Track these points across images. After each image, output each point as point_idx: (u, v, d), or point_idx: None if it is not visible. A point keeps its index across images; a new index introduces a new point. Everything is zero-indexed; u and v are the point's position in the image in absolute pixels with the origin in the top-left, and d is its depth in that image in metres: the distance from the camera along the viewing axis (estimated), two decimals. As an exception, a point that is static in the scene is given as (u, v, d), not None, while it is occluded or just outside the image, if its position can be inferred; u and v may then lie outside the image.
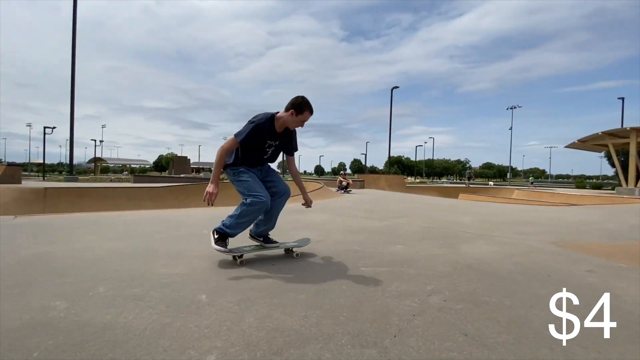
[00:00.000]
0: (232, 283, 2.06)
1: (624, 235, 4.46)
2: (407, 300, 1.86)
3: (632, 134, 17.49)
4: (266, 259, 2.66)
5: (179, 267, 2.36)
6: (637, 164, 17.82)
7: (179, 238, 3.44)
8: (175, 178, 25.85)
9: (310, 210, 6.05)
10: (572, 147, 21.25)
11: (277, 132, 2.53)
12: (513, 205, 9.72)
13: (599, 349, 1.41)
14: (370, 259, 2.74)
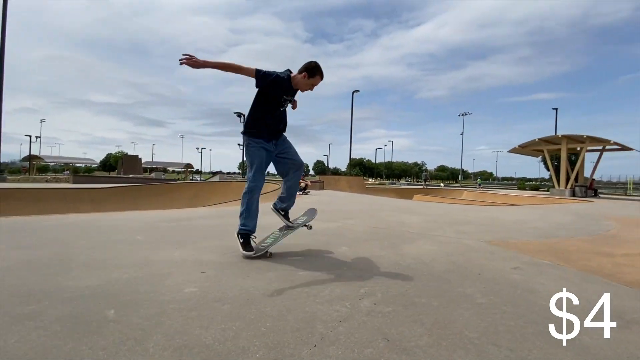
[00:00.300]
0: (150, 295, 1.87)
1: (551, 233, 4.86)
2: (337, 305, 1.81)
3: (563, 141, 19.44)
4: (197, 265, 2.48)
5: (93, 279, 2.10)
6: (567, 168, 19.83)
7: (105, 245, 3.12)
8: (123, 178, 24.07)
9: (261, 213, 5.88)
10: (513, 152, 23.11)
11: (291, 88, 2.66)
12: (460, 206, 10.28)
13: (510, 347, 1.45)
14: (310, 263, 2.67)
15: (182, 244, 3.20)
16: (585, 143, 18.94)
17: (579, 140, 19.05)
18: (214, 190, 12.81)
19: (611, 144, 18.62)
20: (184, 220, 4.82)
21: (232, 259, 2.68)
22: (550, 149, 20.80)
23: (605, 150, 19.85)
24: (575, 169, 19.44)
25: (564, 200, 14.49)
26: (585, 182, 19.82)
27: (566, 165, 19.66)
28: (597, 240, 4.30)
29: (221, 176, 28.81)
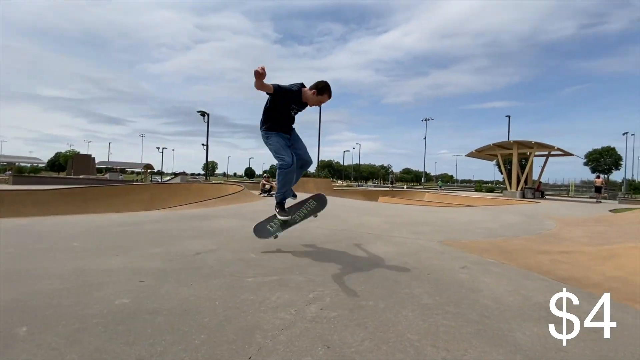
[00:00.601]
0: (73, 309, 1.69)
1: (499, 232, 5.14)
2: (282, 312, 1.74)
3: (514, 146, 20.89)
4: (136, 274, 2.30)
5: (10, 292, 1.87)
6: (518, 171, 21.33)
7: (35, 252, 2.82)
8: (72, 180, 22.28)
9: (219, 216, 5.70)
10: (471, 156, 24.47)
11: (301, 101, 2.93)
12: (420, 207, 10.64)
13: (447, 347, 1.47)
14: (262, 268, 2.58)
15: (124, 250, 2.97)
16: (534, 148, 20.49)
17: (528, 145, 20.56)
18: (173, 192, 12.21)
19: (555, 150, 20.30)
20: (133, 224, 4.51)
21: (177, 266, 2.52)
22: (503, 154, 22.26)
23: (551, 155, 21.60)
24: (525, 172, 20.94)
25: (515, 202, 15.53)
26: (533, 185, 21.42)
27: (517, 168, 21.13)
28: (538, 239, 4.61)
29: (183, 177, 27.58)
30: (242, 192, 9.64)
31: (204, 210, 6.56)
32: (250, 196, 9.90)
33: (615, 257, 3.34)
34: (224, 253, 3.00)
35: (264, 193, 12.05)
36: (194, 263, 2.62)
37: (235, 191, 9.58)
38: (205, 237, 3.75)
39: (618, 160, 42.55)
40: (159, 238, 3.59)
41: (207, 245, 3.29)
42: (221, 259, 2.76)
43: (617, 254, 3.44)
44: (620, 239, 4.55)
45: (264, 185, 12.37)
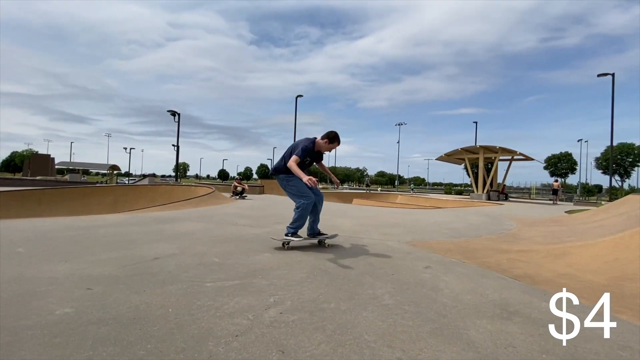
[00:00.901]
0: (7, 321, 1.53)
1: (463, 233, 5.32)
2: (238, 318, 1.68)
3: (480, 151, 21.88)
4: (83, 281, 2.14)
5: None
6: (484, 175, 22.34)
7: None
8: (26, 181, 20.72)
9: (185, 219, 5.50)
10: (440, 160, 25.35)
11: (314, 152, 3.52)
12: (392, 209, 10.85)
13: (403, 347, 1.48)
14: (224, 272, 2.50)
15: (74, 256, 2.77)
16: (498, 153, 21.54)
17: (493, 150, 21.59)
18: (139, 194, 11.66)
19: (518, 155, 21.45)
20: (89, 228, 4.24)
21: (131, 272, 2.38)
22: (471, 158, 23.24)
23: (514, 159, 22.80)
24: (490, 175, 21.97)
25: (481, 204, 16.23)
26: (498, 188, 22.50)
27: (483, 172, 22.12)
28: (499, 239, 4.82)
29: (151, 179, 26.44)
30: (212, 194, 9.38)
31: (170, 213, 6.31)
32: (220, 198, 9.65)
33: (566, 255, 3.55)
34: (185, 257, 2.88)
35: (236, 195, 11.80)
36: (150, 268, 2.48)
37: (204, 193, 9.31)
38: (167, 240, 3.59)
39: (574, 165, 45.74)
40: (116, 243, 3.39)
41: (168, 249, 3.15)
42: (181, 264, 2.65)
43: (568, 252, 3.66)
44: (571, 238, 4.85)
45: (236, 187, 12.11)
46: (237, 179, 12.70)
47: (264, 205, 9.54)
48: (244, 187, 12.39)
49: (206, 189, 10.41)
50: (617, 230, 4.23)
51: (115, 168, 47.16)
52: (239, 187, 12.06)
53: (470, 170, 23.71)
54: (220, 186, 17.39)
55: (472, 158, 23.12)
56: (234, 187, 12.15)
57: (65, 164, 47.36)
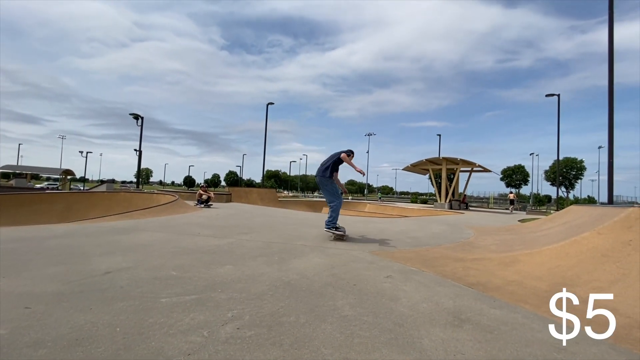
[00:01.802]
0: None
1: (424, 242, 5.53)
2: (192, 335, 1.63)
3: (443, 162, 23.01)
4: (22, 299, 1.97)
5: None
6: (446, 185, 23.45)
7: None
8: (-36, 186, 18.67)
9: (144, 229, 5.24)
10: (406, 170, 26.31)
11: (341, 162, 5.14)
12: (360, 218, 11.03)
13: (358, 359, 1.50)
14: (181, 286, 2.41)
15: (14, 271, 2.54)
16: (459, 164, 22.75)
17: (455, 162, 22.77)
18: (95, 202, 10.92)
19: (477, 166, 22.79)
20: (33, 239, 3.91)
21: (78, 288, 2.22)
22: (434, 168, 24.33)
23: (473, 171, 24.18)
24: (452, 185, 23.09)
25: (443, 212, 16.97)
26: (459, 197, 23.67)
27: (446, 182, 23.21)
28: (457, 247, 5.06)
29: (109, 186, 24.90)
30: (175, 202, 9.00)
31: (128, 223, 5.97)
32: (184, 207, 9.29)
33: (515, 263, 3.80)
34: (140, 271, 2.73)
35: (200, 204, 11.42)
36: (99, 284, 2.34)
37: (167, 201, 8.92)
38: (121, 253, 3.39)
39: (526, 176, 49.39)
40: (64, 255, 3.15)
41: (121, 262, 2.98)
42: (134, 278, 2.51)
43: (517, 260, 3.92)
44: (521, 246, 5.21)
45: (201, 195, 11.73)
46: (202, 186, 12.29)
47: (230, 214, 9.32)
48: (210, 195, 12.03)
49: (169, 197, 9.98)
50: (560, 238, 4.61)
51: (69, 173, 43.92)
52: (205, 195, 11.69)
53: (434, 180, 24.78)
54: (184, 194, 16.75)
55: (435, 169, 24.21)
56: (199, 195, 11.76)
57: (11, 167, 43.35)
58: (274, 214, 10.20)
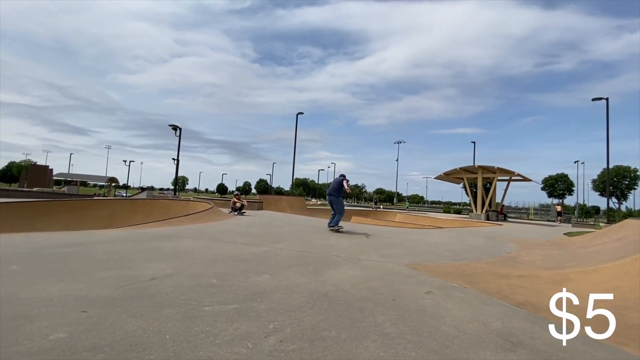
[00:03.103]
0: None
1: (462, 255, 5.28)
2: (237, 346, 1.64)
3: (479, 171, 22.04)
4: (79, 303, 2.10)
5: None
6: (482, 195, 22.40)
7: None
8: (23, 192, 20.57)
9: (183, 236, 5.45)
10: (439, 179, 25.48)
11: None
12: (391, 228, 10.80)
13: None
14: (222, 295, 2.46)
15: (71, 275, 2.72)
16: (497, 173, 21.69)
17: (492, 170, 21.74)
18: (137, 209, 11.57)
19: (516, 175, 21.60)
20: (84, 244, 4.19)
21: (128, 293, 2.33)
22: (469, 177, 23.37)
23: (512, 180, 22.95)
24: (489, 195, 22.03)
25: (479, 224, 16.19)
26: (496, 208, 22.51)
27: (482, 192, 22.18)
28: (499, 262, 4.78)
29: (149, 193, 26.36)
30: (211, 210, 9.32)
31: (167, 230, 6.25)
32: (219, 214, 9.59)
33: (567, 282, 3.51)
34: (182, 278, 2.83)
35: (234, 211, 11.73)
36: (147, 290, 2.44)
37: (203, 209, 9.24)
38: (164, 259, 3.54)
39: (571, 186, 46.07)
40: (113, 261, 3.34)
41: (165, 269, 3.10)
42: (178, 285, 2.60)
43: (569, 278, 3.63)
44: (571, 262, 4.82)
45: (235, 203, 12.06)
46: (236, 194, 12.64)
47: (262, 222, 9.48)
48: (243, 203, 12.33)
49: (205, 205, 10.35)
50: (616, 255, 4.22)
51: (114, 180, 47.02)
52: (238, 203, 12.00)
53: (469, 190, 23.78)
54: (218, 201, 17.30)
55: (470, 177, 23.25)
56: (232, 203, 12.09)
57: (63, 175, 47.25)
58: (303, 223, 10.25)
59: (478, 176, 22.00)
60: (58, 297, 2.16)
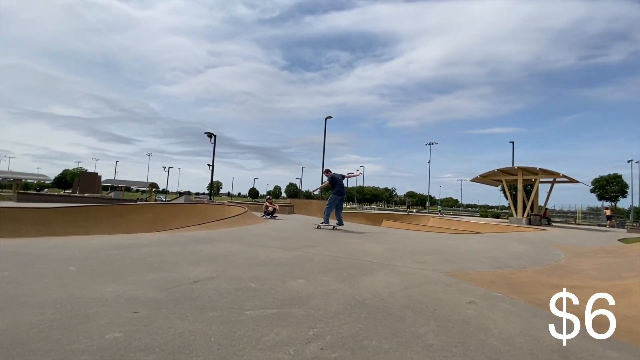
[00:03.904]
0: (62, 343, 1.61)
1: (505, 263, 4.99)
2: (279, 352, 1.65)
3: (519, 172, 20.80)
4: (130, 303, 2.22)
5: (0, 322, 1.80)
6: (523, 198, 21.10)
7: (29, 277, 2.75)
8: (76, 197, 22.37)
9: (221, 240, 5.62)
10: (475, 181, 24.35)
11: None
12: (424, 233, 10.47)
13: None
14: (261, 299, 2.49)
15: (120, 276, 2.90)
16: (539, 175, 20.37)
17: (533, 172, 20.46)
18: (176, 212, 12.18)
19: (560, 177, 20.16)
20: (131, 247, 4.45)
21: (173, 295, 2.44)
22: (508, 179, 22.14)
23: (556, 181, 21.45)
24: (531, 198, 20.71)
25: (521, 229, 15.26)
26: (539, 211, 21.13)
27: (522, 195, 20.91)
28: (547, 271, 4.46)
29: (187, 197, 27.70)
30: (245, 214, 9.58)
31: (205, 233, 6.50)
32: (253, 218, 9.83)
33: (629, 294, 3.19)
34: (222, 282, 2.91)
35: (267, 215, 11.96)
36: (190, 292, 2.54)
37: (238, 213, 9.52)
38: (204, 263, 3.67)
39: (624, 187, 42.11)
40: (157, 263, 3.52)
41: (206, 272, 3.22)
42: (219, 289, 2.68)
43: (632, 290, 3.30)
44: (632, 272, 4.39)
45: (267, 207, 12.30)
46: (268, 198, 12.91)
47: (294, 226, 9.59)
48: (275, 207, 12.55)
49: (239, 209, 10.66)
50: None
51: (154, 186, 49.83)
52: (270, 207, 12.23)
53: (509, 193, 22.54)
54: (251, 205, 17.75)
55: (509, 180, 22.04)
56: (265, 207, 12.35)
57: (110, 181, 50.91)
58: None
59: (518, 178, 20.79)
60: (111, 298, 2.31)
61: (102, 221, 10.86)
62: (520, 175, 20.61)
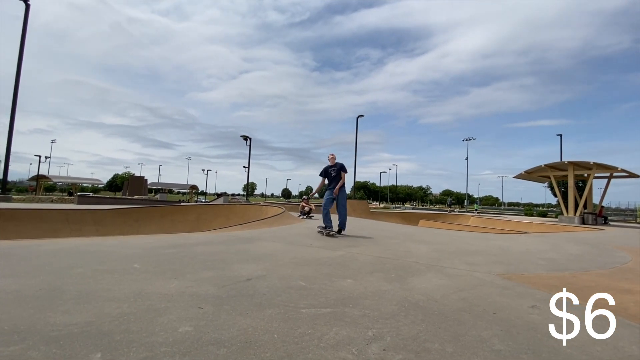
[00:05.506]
0: (141, 335, 1.74)
1: (564, 265, 4.65)
2: (343, 351, 1.66)
3: (569, 168, 19.27)
4: (194, 299, 2.34)
5: (82, 315, 1.98)
6: (575, 195, 19.51)
7: (100, 274, 3.00)
8: (127, 200, 24.09)
9: (264, 239, 5.77)
10: (519, 178, 22.93)
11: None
12: (467, 233, 10.02)
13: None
14: (314, 298, 2.53)
15: (180, 273, 3.07)
16: (593, 170, 18.75)
17: (586, 166, 18.88)
18: (217, 213, 12.70)
19: (619, 171, 18.41)
20: (184, 246, 4.70)
21: (231, 292, 2.54)
22: (557, 175, 20.61)
23: (613, 177, 19.62)
24: (584, 195, 19.11)
25: (574, 228, 14.13)
26: (594, 209, 19.45)
27: (574, 191, 19.36)
28: (613, 275, 4.09)
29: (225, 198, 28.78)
30: (283, 214, 9.76)
31: (248, 233, 6.71)
32: (290, 218, 9.99)
33: None
34: (273, 280, 2.99)
35: (303, 215, 12.11)
36: (246, 290, 2.63)
37: (276, 213, 9.72)
38: (252, 261, 3.79)
39: (696, 182, 37.48)
40: (210, 261, 3.68)
41: (256, 270, 3.32)
42: (272, 287, 2.75)
43: None
44: None
45: (303, 207, 12.45)
46: (304, 199, 13.08)
47: (331, 226, 9.60)
48: (311, 207, 12.68)
49: (277, 209, 10.88)
50: None
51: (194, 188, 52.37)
52: (307, 207, 12.37)
53: (558, 190, 20.99)
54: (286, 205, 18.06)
55: (558, 175, 20.52)
56: (301, 207, 12.52)
57: (154, 184, 54.32)
58: (371, 227, 10.11)
59: (569, 173, 19.30)
60: (176, 293, 2.45)
61: (150, 222, 11.59)
62: (571, 170, 19.12)
